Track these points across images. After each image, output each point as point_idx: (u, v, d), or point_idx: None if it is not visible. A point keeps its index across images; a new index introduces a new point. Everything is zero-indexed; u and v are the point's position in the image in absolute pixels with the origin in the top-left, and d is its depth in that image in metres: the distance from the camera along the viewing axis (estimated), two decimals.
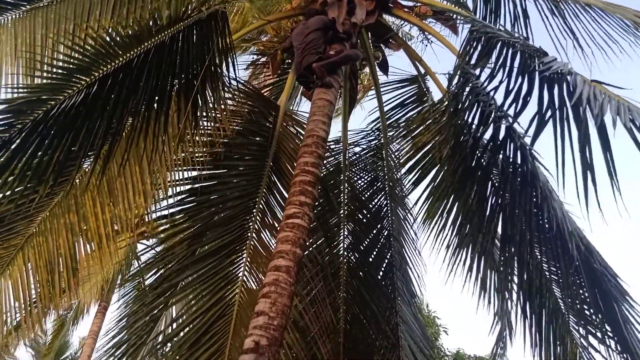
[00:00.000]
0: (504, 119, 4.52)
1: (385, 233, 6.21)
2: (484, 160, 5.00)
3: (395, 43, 6.46)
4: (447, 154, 5.36)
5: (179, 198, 5.19)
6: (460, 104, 5.09)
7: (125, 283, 8.55)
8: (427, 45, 6.40)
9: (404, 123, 6.62)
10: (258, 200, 5.26)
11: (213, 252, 4.99)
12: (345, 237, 6.02)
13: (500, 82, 3.90)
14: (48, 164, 3.78)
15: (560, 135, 3.35)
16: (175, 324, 5.19)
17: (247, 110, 5.68)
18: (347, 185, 6.30)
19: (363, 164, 6.63)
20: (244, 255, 5.03)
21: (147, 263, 5.27)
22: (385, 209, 6.30)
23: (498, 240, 5.06)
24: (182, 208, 5.22)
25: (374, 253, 6.15)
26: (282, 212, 4.57)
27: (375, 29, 6.21)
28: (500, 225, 4.94)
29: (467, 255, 5.30)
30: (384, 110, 6.62)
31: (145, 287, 5.29)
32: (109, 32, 4.40)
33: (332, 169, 6.43)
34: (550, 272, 5.00)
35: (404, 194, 6.41)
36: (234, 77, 5.16)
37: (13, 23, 5.13)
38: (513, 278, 4.99)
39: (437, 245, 5.57)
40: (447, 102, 5.48)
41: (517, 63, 3.81)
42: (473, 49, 4.46)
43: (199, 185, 5.27)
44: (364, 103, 10.64)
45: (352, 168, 6.53)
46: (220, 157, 5.41)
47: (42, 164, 3.77)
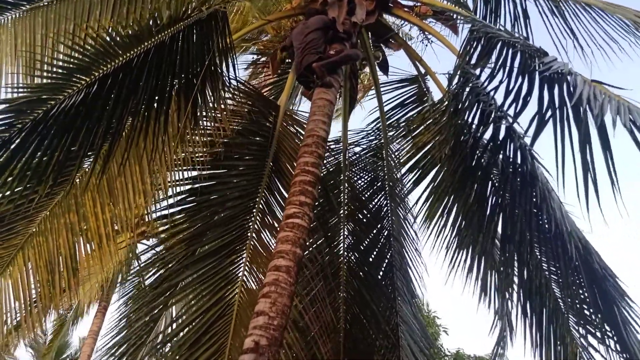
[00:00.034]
0: (504, 119, 4.52)
1: (386, 233, 6.21)
2: (484, 160, 5.00)
3: (396, 43, 6.45)
4: (447, 154, 5.36)
5: (179, 198, 5.19)
6: (461, 104, 5.09)
7: (125, 283, 8.54)
8: (427, 45, 6.41)
9: (404, 123, 6.61)
10: (258, 200, 5.26)
11: (213, 252, 4.99)
12: (345, 237, 6.02)
13: (501, 82, 3.90)
14: (48, 164, 3.78)
15: (561, 135, 3.35)
16: (175, 324, 5.19)
17: (247, 110, 5.68)
18: (347, 185, 6.30)
19: (363, 164, 6.62)
20: (244, 255, 5.03)
21: (147, 263, 5.28)
22: (386, 209, 6.30)
23: (498, 240, 5.05)
24: (182, 208, 5.22)
25: (374, 253, 6.15)
26: (282, 212, 4.57)
27: (376, 29, 6.21)
28: (500, 225, 4.94)
29: (467, 255, 5.31)
30: (384, 110, 6.62)
31: (145, 287, 5.29)
32: (109, 32, 4.41)
33: (332, 169, 6.42)
34: (550, 272, 5.00)
35: (404, 194, 6.41)
36: (234, 76, 5.17)
37: (13, 23, 5.13)
38: (513, 278, 4.98)
39: (437, 245, 5.58)
40: (447, 102, 5.48)
41: (517, 63, 3.81)
42: (473, 49, 4.46)
43: (199, 185, 5.27)
44: (364, 103, 10.65)
45: (352, 168, 6.52)
46: (220, 157, 5.41)
47: (42, 164, 3.77)
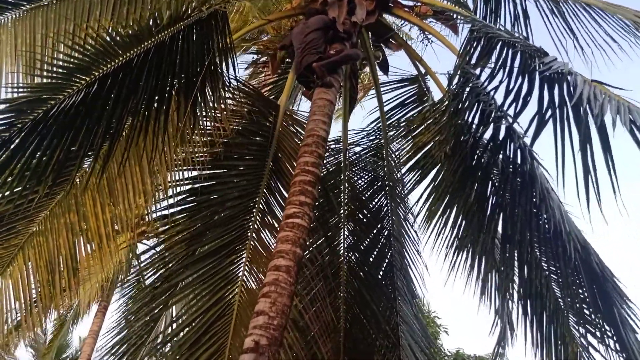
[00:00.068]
0: (504, 119, 4.52)
1: (386, 233, 6.20)
2: (484, 160, 5.00)
3: (396, 43, 6.45)
4: (447, 154, 5.36)
5: (179, 198, 5.20)
6: (461, 104, 5.09)
7: (126, 283, 8.55)
8: (427, 45, 6.39)
9: (404, 123, 6.60)
10: (258, 200, 5.26)
11: (213, 252, 4.99)
12: (346, 237, 6.02)
13: (501, 82, 3.91)
14: (48, 164, 3.77)
15: (561, 135, 3.36)
16: (175, 324, 5.20)
17: (247, 110, 5.67)
18: (347, 185, 6.30)
19: (363, 164, 6.62)
20: (244, 255, 5.03)
21: (147, 263, 5.28)
22: (386, 209, 6.30)
23: (498, 240, 5.05)
24: (182, 208, 5.22)
25: (375, 253, 6.15)
26: (282, 212, 4.56)
27: (376, 29, 6.21)
28: (501, 225, 4.94)
29: (467, 255, 5.31)
30: (384, 110, 6.62)
31: (145, 287, 5.29)
32: (109, 31, 4.40)
33: (332, 169, 6.42)
34: (550, 271, 5.00)
35: (404, 194, 6.41)
36: (234, 76, 5.16)
37: (13, 23, 5.12)
38: (513, 278, 4.98)
39: (437, 245, 5.57)
40: (447, 101, 5.47)
41: (517, 63, 3.81)
42: (473, 49, 4.46)
43: (199, 185, 5.27)
44: (364, 103, 10.66)
45: (352, 168, 6.52)
46: (220, 157, 5.41)
47: (41, 164, 3.76)
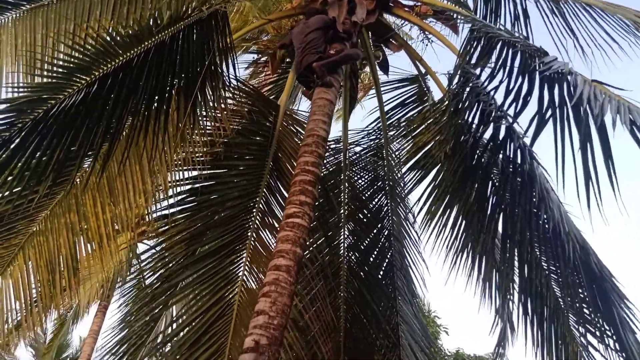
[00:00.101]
0: (504, 119, 4.52)
1: (386, 233, 6.20)
2: (484, 160, 5.00)
3: (396, 43, 6.45)
4: (447, 154, 5.36)
5: (179, 198, 5.20)
6: (461, 104, 5.09)
7: (126, 283, 8.54)
8: (427, 45, 6.40)
9: (405, 122, 6.60)
10: (258, 200, 5.26)
11: (213, 252, 4.99)
12: (346, 236, 6.02)
13: (501, 81, 3.91)
14: (48, 163, 3.77)
15: (561, 135, 3.35)
16: (175, 324, 5.20)
17: (247, 110, 5.67)
18: (347, 185, 6.29)
19: (363, 164, 6.62)
20: (244, 255, 5.03)
21: (147, 263, 5.28)
22: (386, 209, 6.30)
23: (498, 240, 5.05)
24: (182, 208, 5.22)
25: (375, 253, 6.15)
26: (282, 211, 4.57)
27: (376, 29, 6.20)
28: (501, 225, 4.94)
29: (467, 255, 5.31)
30: (385, 110, 6.62)
31: (146, 287, 5.29)
32: (109, 31, 4.40)
33: (332, 169, 6.42)
34: (550, 271, 5.00)
35: (405, 194, 6.41)
36: (234, 76, 5.16)
37: (13, 23, 5.12)
38: (514, 277, 4.98)
39: (437, 245, 5.58)
40: (447, 101, 5.48)
41: (517, 63, 3.81)
42: (473, 49, 4.46)
43: (199, 185, 5.28)
44: (365, 102, 10.66)
45: (352, 168, 6.52)
46: (220, 156, 5.41)
47: (42, 163, 3.76)
